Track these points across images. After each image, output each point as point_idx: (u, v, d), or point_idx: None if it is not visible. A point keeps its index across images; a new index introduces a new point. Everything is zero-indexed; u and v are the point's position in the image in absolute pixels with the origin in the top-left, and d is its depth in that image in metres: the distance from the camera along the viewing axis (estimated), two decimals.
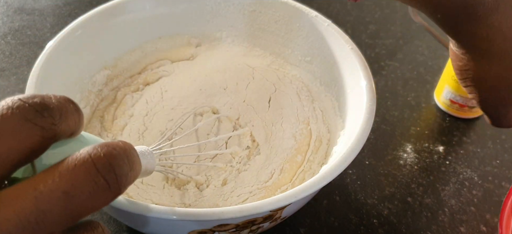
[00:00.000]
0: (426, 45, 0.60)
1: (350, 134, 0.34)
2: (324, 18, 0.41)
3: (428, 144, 0.46)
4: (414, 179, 0.43)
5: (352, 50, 0.38)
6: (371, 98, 0.34)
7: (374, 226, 0.39)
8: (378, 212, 0.40)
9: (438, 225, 0.39)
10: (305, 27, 0.43)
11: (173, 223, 0.28)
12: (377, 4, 0.67)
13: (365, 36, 0.60)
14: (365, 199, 0.41)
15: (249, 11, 0.45)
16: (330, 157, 0.37)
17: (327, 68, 0.42)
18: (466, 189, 0.42)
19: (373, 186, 0.42)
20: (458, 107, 0.49)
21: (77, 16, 0.39)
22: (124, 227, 0.37)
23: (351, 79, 0.37)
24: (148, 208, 0.26)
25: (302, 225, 0.39)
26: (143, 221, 0.29)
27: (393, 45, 0.59)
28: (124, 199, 0.26)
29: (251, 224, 0.29)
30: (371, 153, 0.45)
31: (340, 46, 0.39)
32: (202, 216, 0.26)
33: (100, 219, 0.38)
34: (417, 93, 0.52)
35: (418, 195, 0.42)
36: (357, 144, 0.31)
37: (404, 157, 0.45)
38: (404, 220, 0.40)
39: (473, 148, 0.46)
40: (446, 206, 0.41)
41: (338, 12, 0.64)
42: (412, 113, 0.50)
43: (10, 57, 0.53)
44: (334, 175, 0.29)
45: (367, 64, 0.37)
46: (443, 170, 0.44)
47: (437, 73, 0.55)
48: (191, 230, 0.28)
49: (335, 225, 0.39)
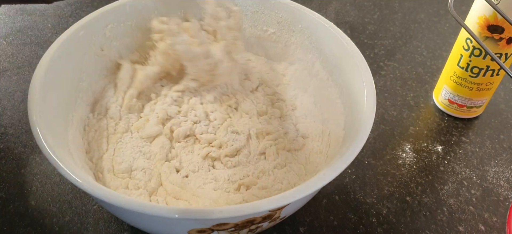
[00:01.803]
0: (425, 46, 0.60)
1: (350, 134, 0.34)
2: (326, 20, 0.42)
3: (427, 144, 0.47)
4: (413, 178, 0.43)
5: (353, 51, 0.38)
6: (371, 99, 0.34)
7: (373, 225, 0.39)
8: (377, 211, 0.40)
9: (437, 224, 0.40)
10: (307, 28, 0.43)
11: (173, 221, 0.28)
12: (376, 4, 0.67)
13: (364, 36, 0.61)
14: (364, 198, 0.41)
15: (252, 12, 0.46)
16: (330, 158, 0.37)
17: (328, 69, 0.42)
18: (465, 189, 0.43)
19: (372, 185, 0.42)
20: (456, 107, 0.49)
21: (78, 17, 0.40)
22: (125, 226, 0.38)
23: (352, 80, 0.38)
24: (148, 207, 0.26)
25: (301, 224, 0.39)
26: (143, 219, 0.29)
27: (392, 45, 0.60)
28: (125, 198, 0.26)
29: (250, 224, 0.29)
30: (370, 152, 0.45)
31: (341, 47, 0.39)
32: (201, 214, 0.26)
33: (101, 218, 0.38)
34: (416, 93, 0.53)
35: (417, 195, 0.42)
36: (357, 144, 0.31)
37: (403, 156, 0.45)
38: (403, 219, 0.40)
39: (471, 148, 0.47)
40: (445, 205, 0.41)
41: (338, 12, 0.65)
42: (411, 113, 0.50)
43: (12, 57, 0.54)
44: (333, 175, 0.29)
45: (368, 66, 0.37)
46: (442, 169, 0.44)
47: (436, 74, 0.55)
48: (191, 229, 0.28)
49: (334, 224, 0.39)
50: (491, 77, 0.45)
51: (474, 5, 0.42)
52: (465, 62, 0.45)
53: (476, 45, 0.44)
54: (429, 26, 0.64)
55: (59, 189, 0.40)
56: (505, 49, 0.42)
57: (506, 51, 0.43)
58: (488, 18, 0.41)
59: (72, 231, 0.37)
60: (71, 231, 0.37)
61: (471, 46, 0.44)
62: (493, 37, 0.42)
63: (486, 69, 0.45)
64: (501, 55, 0.43)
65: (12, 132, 0.45)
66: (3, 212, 0.38)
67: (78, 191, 0.40)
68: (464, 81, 0.47)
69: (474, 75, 0.46)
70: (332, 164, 0.30)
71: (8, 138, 0.44)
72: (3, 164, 0.42)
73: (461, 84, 0.47)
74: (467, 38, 0.44)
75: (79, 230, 0.37)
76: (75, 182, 0.27)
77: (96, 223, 0.38)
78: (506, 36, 0.41)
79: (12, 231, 0.37)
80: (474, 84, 0.46)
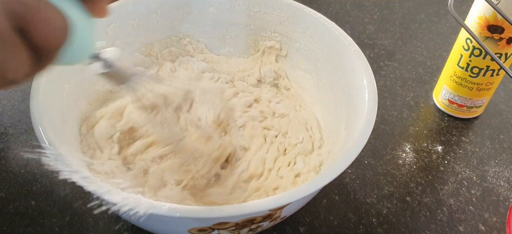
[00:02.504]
0: (425, 46, 0.60)
1: (351, 135, 0.34)
2: (328, 20, 0.42)
3: (427, 144, 0.47)
4: (413, 178, 0.43)
5: (355, 52, 0.38)
6: (372, 100, 0.34)
7: (373, 225, 0.39)
8: (377, 211, 0.40)
9: (436, 224, 0.40)
10: (309, 29, 0.43)
11: (174, 220, 0.28)
12: (376, 4, 0.67)
13: (364, 36, 0.61)
14: (364, 198, 0.41)
15: (254, 11, 0.46)
16: (331, 157, 0.37)
17: (330, 69, 0.42)
18: (465, 189, 0.43)
19: (372, 185, 0.42)
20: (456, 107, 0.49)
21: None
22: (125, 226, 0.37)
23: (353, 80, 0.38)
24: (149, 206, 0.26)
25: (301, 224, 0.39)
26: (145, 217, 0.29)
27: (392, 45, 0.60)
28: (127, 196, 0.26)
29: (250, 223, 0.29)
30: (370, 152, 0.45)
31: (343, 47, 0.39)
32: (202, 213, 0.26)
33: (101, 218, 0.38)
34: (416, 94, 0.53)
35: (417, 194, 0.42)
36: (357, 145, 0.31)
37: (403, 156, 0.45)
38: (403, 219, 0.40)
39: (471, 148, 0.47)
40: (445, 205, 0.41)
41: (338, 12, 0.65)
42: (411, 113, 0.50)
43: None
44: (334, 175, 0.29)
45: (370, 67, 0.37)
46: (442, 169, 0.44)
47: (436, 74, 0.55)
48: (191, 228, 0.28)
49: (334, 224, 0.39)
50: (491, 77, 0.45)
51: (474, 5, 0.43)
52: (465, 62, 0.45)
53: (476, 45, 0.44)
54: (429, 26, 0.64)
55: (59, 189, 0.40)
56: (505, 49, 0.42)
57: (506, 51, 0.43)
58: (488, 18, 0.41)
59: (72, 231, 0.37)
60: (71, 231, 0.37)
61: (471, 46, 0.44)
62: (493, 37, 0.42)
63: (486, 69, 0.45)
64: (501, 55, 0.43)
65: (12, 132, 0.45)
66: (3, 212, 0.38)
67: (78, 191, 0.40)
68: (464, 81, 0.47)
69: (474, 75, 0.46)
70: (332, 164, 0.30)
71: (8, 138, 0.44)
72: (3, 164, 0.42)
73: (461, 84, 0.47)
74: (467, 38, 0.44)
75: (79, 230, 0.37)
76: (79, 181, 0.27)
77: (96, 223, 0.38)
78: (506, 36, 0.41)
79: (12, 231, 0.37)
80: (474, 84, 0.46)
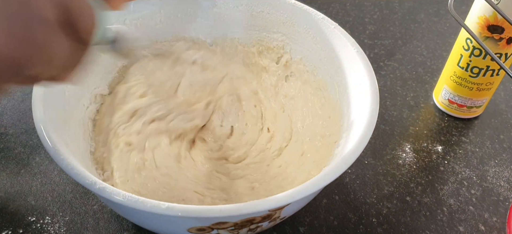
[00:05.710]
0: (425, 46, 0.60)
1: (351, 135, 0.34)
2: (331, 21, 0.42)
3: (427, 144, 0.47)
4: (413, 178, 0.43)
5: (357, 53, 0.38)
6: (374, 101, 0.34)
7: (373, 225, 0.39)
8: (377, 211, 0.40)
9: (437, 224, 0.40)
10: (311, 29, 0.43)
11: (173, 219, 0.28)
12: (376, 4, 0.67)
13: (364, 36, 0.61)
14: (364, 198, 0.41)
15: (257, 12, 0.46)
16: (331, 158, 0.37)
17: (331, 69, 0.42)
18: (465, 189, 0.43)
19: (372, 185, 0.42)
20: (456, 107, 0.49)
21: None
22: (125, 226, 0.38)
23: (355, 81, 0.38)
24: (149, 205, 0.26)
25: (301, 224, 0.39)
26: (145, 216, 0.29)
27: (392, 45, 0.60)
28: (126, 196, 0.26)
29: (249, 223, 0.29)
30: (370, 152, 0.45)
31: (345, 48, 0.39)
32: (201, 213, 0.26)
33: (101, 218, 0.38)
34: (416, 93, 0.53)
35: (417, 194, 0.42)
36: (358, 146, 0.31)
37: (403, 156, 0.45)
38: (403, 219, 0.40)
39: (471, 148, 0.47)
40: (445, 205, 0.41)
41: (338, 12, 0.65)
42: (411, 113, 0.50)
43: None
44: (334, 176, 0.29)
45: (371, 67, 0.37)
46: (442, 169, 0.44)
47: (436, 74, 0.55)
48: (190, 227, 0.28)
49: (334, 224, 0.39)
50: (491, 77, 0.45)
51: (474, 5, 0.42)
52: (465, 62, 0.45)
53: (476, 45, 0.44)
54: (429, 26, 0.64)
55: (59, 189, 0.40)
56: (505, 49, 0.42)
57: (506, 51, 0.42)
58: (488, 18, 0.41)
59: (72, 231, 0.37)
60: (71, 231, 0.37)
61: (471, 46, 0.44)
62: (493, 37, 0.42)
63: (486, 69, 0.45)
64: (501, 55, 0.43)
65: (12, 132, 0.45)
66: (3, 212, 0.38)
67: (78, 191, 0.40)
68: (464, 81, 0.47)
69: (474, 75, 0.46)
70: (333, 165, 0.30)
71: (8, 138, 0.44)
72: (3, 164, 0.42)
73: (461, 84, 0.47)
74: (467, 38, 0.44)
75: (79, 230, 0.37)
76: (82, 181, 0.27)
77: (96, 223, 0.38)
78: (506, 36, 0.41)
79: (13, 231, 0.37)
80: (474, 84, 0.46)
